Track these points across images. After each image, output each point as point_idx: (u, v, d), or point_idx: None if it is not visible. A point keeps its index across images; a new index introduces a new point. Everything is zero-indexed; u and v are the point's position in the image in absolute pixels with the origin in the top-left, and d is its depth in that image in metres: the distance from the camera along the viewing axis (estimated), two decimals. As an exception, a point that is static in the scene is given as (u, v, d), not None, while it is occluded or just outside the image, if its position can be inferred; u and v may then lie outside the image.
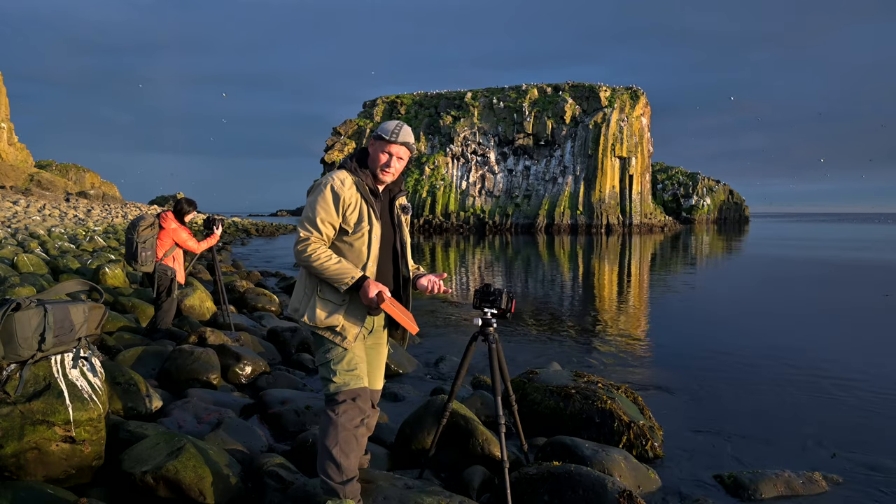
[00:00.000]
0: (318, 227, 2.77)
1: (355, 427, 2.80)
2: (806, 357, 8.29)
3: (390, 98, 78.01)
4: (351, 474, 2.78)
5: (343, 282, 2.74)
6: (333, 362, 2.84)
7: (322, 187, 2.81)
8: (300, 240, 2.77)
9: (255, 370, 5.75)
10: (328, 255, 2.75)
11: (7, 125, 61.07)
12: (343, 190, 2.80)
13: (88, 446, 2.96)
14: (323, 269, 2.73)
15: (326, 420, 2.81)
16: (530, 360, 7.43)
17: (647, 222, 68.13)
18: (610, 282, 19.35)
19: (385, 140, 2.87)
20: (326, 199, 2.78)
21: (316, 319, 2.80)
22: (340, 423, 2.76)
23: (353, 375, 2.84)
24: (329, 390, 2.83)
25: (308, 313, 2.83)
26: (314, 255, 2.73)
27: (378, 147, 2.90)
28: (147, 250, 6.16)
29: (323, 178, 2.89)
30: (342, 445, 2.75)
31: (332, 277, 2.74)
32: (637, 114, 69.24)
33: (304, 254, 2.74)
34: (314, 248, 2.74)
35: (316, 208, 2.78)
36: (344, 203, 2.79)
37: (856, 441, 5.08)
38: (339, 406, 2.79)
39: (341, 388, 2.81)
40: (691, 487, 4.10)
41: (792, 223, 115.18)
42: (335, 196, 2.79)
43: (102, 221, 36.77)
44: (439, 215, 67.18)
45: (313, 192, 2.85)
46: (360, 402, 2.84)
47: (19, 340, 2.83)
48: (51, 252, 15.66)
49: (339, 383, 2.81)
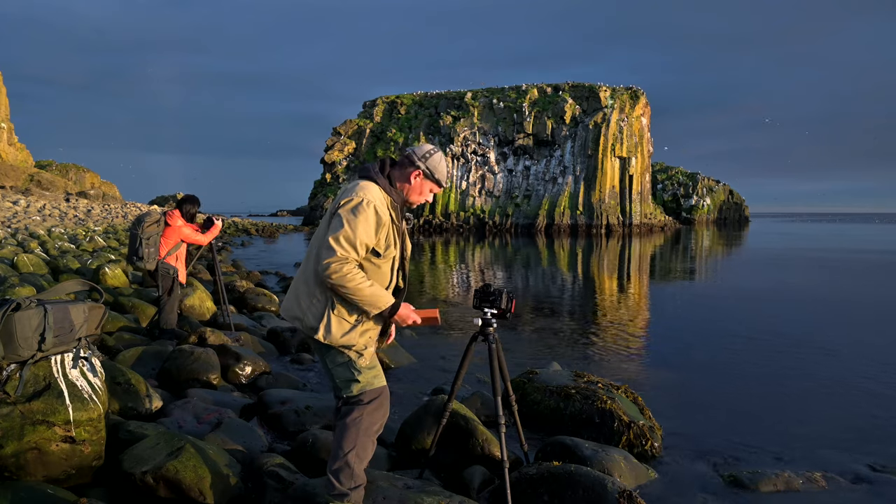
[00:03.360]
0: (357, 248, 2.60)
1: (375, 431, 2.78)
2: (806, 357, 8.29)
3: (390, 98, 77.97)
4: (360, 481, 2.76)
5: (378, 307, 2.65)
6: (353, 362, 2.75)
7: (366, 207, 2.62)
8: (338, 258, 2.57)
9: (255, 370, 5.76)
10: (363, 277, 2.62)
11: (7, 125, 61.06)
12: (383, 213, 2.68)
13: (88, 446, 2.95)
14: (356, 292, 2.60)
15: (349, 422, 2.73)
16: (530, 360, 7.43)
17: (647, 222, 68.10)
18: (610, 282, 19.34)
19: (440, 186, 2.88)
20: (369, 221, 2.62)
21: (332, 338, 2.68)
22: (363, 427, 2.72)
23: (375, 374, 2.80)
24: (353, 392, 2.75)
25: (323, 331, 2.68)
26: (349, 276, 2.57)
27: (427, 185, 2.86)
28: (151, 247, 6.16)
29: (361, 190, 2.68)
30: (359, 451, 2.72)
31: (364, 301, 2.63)
32: (637, 114, 69.20)
33: (338, 273, 2.56)
34: (350, 268, 2.58)
35: (357, 228, 2.59)
36: (382, 226, 2.68)
37: (856, 441, 5.07)
38: (366, 407, 2.74)
39: (366, 388, 2.76)
40: (691, 487, 4.10)
41: (792, 223, 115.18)
42: (378, 219, 2.65)
43: (102, 221, 36.77)
44: (439, 215, 67.15)
45: (353, 208, 2.63)
46: (385, 403, 2.82)
47: (19, 340, 2.83)
48: (51, 252, 15.65)
49: (364, 383, 2.75)
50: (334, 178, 73.86)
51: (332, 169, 74.58)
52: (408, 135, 72.80)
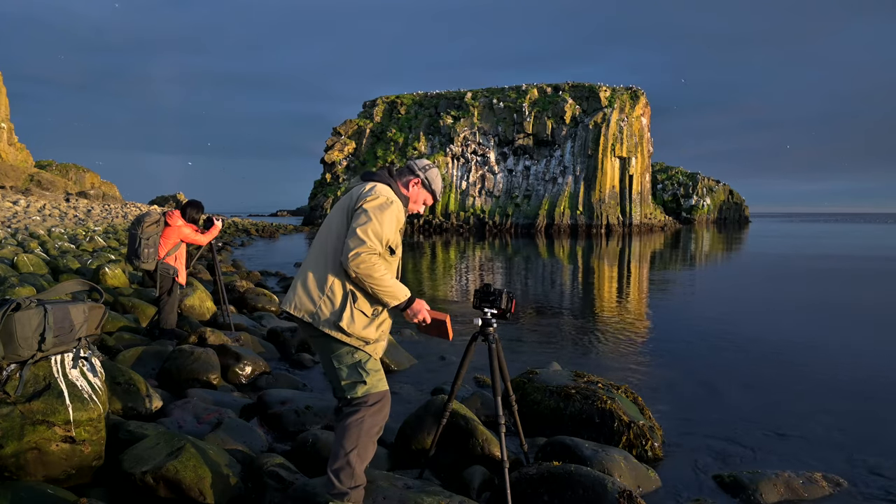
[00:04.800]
0: (382, 242, 2.75)
1: (376, 433, 2.83)
2: (806, 356, 8.29)
3: (390, 98, 77.96)
4: (360, 481, 2.79)
5: (398, 298, 2.78)
6: (362, 363, 2.83)
7: (391, 205, 2.81)
8: (366, 249, 2.67)
9: (255, 370, 5.76)
10: (385, 269, 2.73)
11: (7, 125, 61.04)
12: (401, 214, 2.89)
13: (88, 446, 2.96)
14: (378, 283, 2.70)
15: (351, 422, 2.78)
16: (530, 360, 7.42)
17: (647, 222, 68.11)
18: (610, 282, 19.34)
19: (435, 199, 3.13)
20: (393, 218, 2.81)
21: (354, 329, 2.77)
22: (365, 428, 2.77)
23: (379, 378, 2.88)
24: (358, 393, 2.81)
25: (346, 321, 2.75)
26: (375, 267, 2.68)
27: (423, 195, 3.10)
28: (150, 247, 6.16)
29: (384, 191, 2.86)
30: (360, 451, 2.76)
31: (386, 292, 2.74)
32: (637, 114, 69.20)
33: (366, 263, 2.66)
34: (377, 259, 2.70)
35: (384, 223, 2.75)
36: (399, 226, 2.89)
37: (856, 441, 5.07)
38: (370, 409, 2.80)
39: (370, 390, 2.82)
40: (691, 487, 4.11)
41: (792, 223, 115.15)
42: (399, 219, 2.86)
43: (102, 221, 36.77)
44: (439, 215, 67.16)
45: (381, 205, 2.78)
46: (386, 406, 2.88)
47: (19, 340, 2.83)
48: (51, 252, 15.65)
49: (370, 385, 2.82)
50: (334, 178, 73.84)
51: (332, 169, 74.57)
52: (408, 135, 72.79)
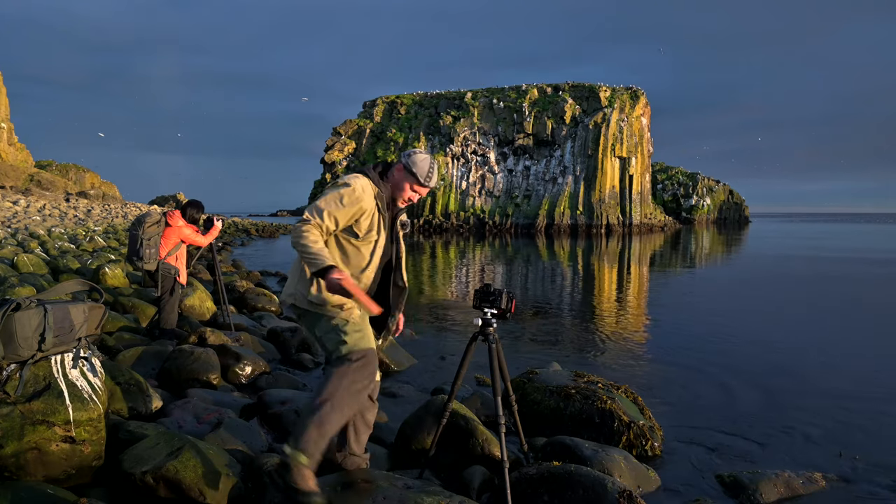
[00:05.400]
0: (323, 217, 2.84)
1: (358, 390, 2.82)
2: (806, 356, 8.30)
3: (390, 98, 77.96)
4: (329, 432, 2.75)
5: (316, 264, 2.77)
6: (340, 326, 2.88)
7: (344, 186, 2.89)
8: (302, 220, 2.85)
9: (255, 370, 5.75)
10: (315, 239, 2.80)
11: (7, 125, 61.05)
12: (364, 197, 2.90)
13: (88, 446, 2.95)
14: (304, 248, 2.78)
15: (333, 374, 2.80)
16: (530, 360, 7.43)
17: (647, 222, 68.12)
18: (610, 282, 19.34)
19: (419, 182, 3.04)
20: (343, 198, 2.86)
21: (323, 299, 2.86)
22: (346, 382, 2.78)
23: (361, 336, 2.90)
24: (341, 352, 2.85)
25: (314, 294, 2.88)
26: (304, 235, 2.78)
27: (408, 181, 3.05)
28: (151, 247, 6.16)
29: (349, 177, 2.96)
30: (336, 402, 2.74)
31: (309, 257, 2.78)
32: (637, 114, 69.21)
33: (296, 231, 2.81)
34: (308, 229, 2.80)
35: (329, 200, 2.86)
36: (360, 209, 2.90)
37: (856, 441, 5.08)
38: (353, 364, 2.82)
39: (353, 347, 2.85)
40: (691, 487, 4.10)
41: (792, 223, 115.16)
42: (354, 200, 2.87)
43: (102, 221, 36.76)
44: (439, 215, 67.15)
45: (335, 186, 2.92)
46: (370, 364, 2.88)
47: (19, 340, 2.83)
48: (51, 252, 15.65)
49: (351, 343, 2.86)
50: (334, 178, 73.49)
51: (332, 169, 74.58)
52: (408, 135, 72.78)
